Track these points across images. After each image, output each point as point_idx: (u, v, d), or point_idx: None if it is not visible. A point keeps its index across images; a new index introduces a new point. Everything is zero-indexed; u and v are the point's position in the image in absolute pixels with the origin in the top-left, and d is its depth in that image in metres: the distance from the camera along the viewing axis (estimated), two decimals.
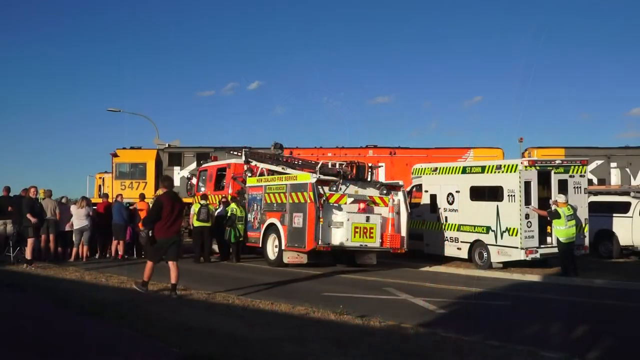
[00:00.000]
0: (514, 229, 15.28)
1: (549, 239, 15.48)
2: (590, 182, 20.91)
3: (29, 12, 72.22)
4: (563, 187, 15.63)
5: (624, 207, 18.22)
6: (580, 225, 15.48)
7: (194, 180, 22.01)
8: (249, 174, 18.74)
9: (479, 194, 16.51)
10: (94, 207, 19.19)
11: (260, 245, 17.40)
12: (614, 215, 18.12)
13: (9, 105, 77.59)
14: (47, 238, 17.17)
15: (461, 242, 16.91)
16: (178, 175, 28.46)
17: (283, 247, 16.20)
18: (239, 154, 19.68)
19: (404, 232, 16.23)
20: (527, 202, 15.13)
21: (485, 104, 74.42)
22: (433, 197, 17.97)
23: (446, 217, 17.46)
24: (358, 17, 74.68)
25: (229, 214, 17.74)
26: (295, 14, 76.43)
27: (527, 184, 15.20)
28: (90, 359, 6.39)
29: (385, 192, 16.47)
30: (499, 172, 15.92)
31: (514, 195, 15.32)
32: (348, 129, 76.07)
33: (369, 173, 17.05)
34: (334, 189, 15.92)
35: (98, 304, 9.06)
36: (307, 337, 6.89)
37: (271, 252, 16.90)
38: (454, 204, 17.21)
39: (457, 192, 17.16)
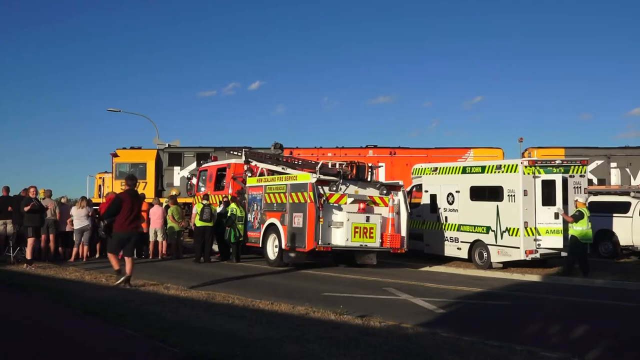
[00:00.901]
0: (514, 229, 15.29)
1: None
2: (590, 182, 20.95)
3: (29, 11, 72.25)
4: (563, 187, 15.62)
5: (624, 207, 18.22)
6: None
7: (194, 180, 22.00)
8: (249, 174, 18.73)
9: (479, 194, 16.51)
10: (96, 207, 19.19)
11: (260, 245, 17.38)
12: (614, 215, 18.12)
13: (9, 105, 77.69)
14: (47, 238, 17.18)
15: (461, 242, 16.91)
16: (178, 175, 28.48)
17: (283, 247, 16.20)
18: (239, 154, 19.66)
19: (404, 232, 16.23)
20: (551, 202, 15.19)
21: (485, 104, 74.56)
22: (433, 197, 17.97)
23: (446, 217, 17.46)
24: (358, 17, 74.76)
25: (228, 214, 17.73)
26: (296, 14, 76.47)
27: (549, 184, 15.27)
28: (90, 359, 6.39)
29: (385, 192, 16.47)
30: (499, 172, 15.93)
31: (514, 195, 15.34)
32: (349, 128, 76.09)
33: (369, 173, 17.04)
34: (334, 189, 15.92)
35: (98, 304, 9.07)
36: (307, 337, 6.89)
37: (271, 252, 16.89)
38: (454, 204, 17.21)
39: (457, 192, 17.16)
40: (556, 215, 15.15)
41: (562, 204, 15.21)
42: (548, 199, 15.31)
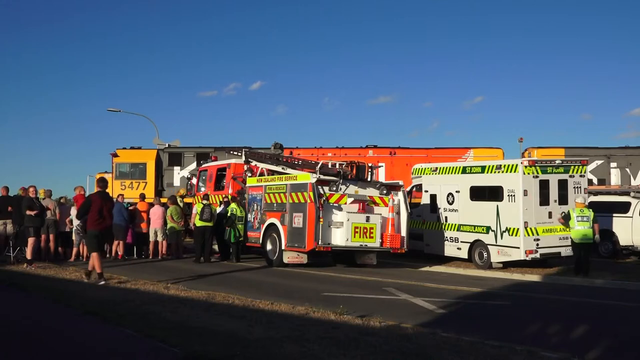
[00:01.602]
0: (514, 229, 15.29)
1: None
2: (590, 182, 20.92)
3: (29, 11, 72.26)
4: (563, 187, 15.63)
5: (624, 207, 18.21)
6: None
7: (194, 180, 21.99)
8: (249, 174, 18.72)
9: (479, 194, 16.51)
10: None
11: (260, 245, 17.38)
12: (614, 215, 18.10)
13: (9, 105, 77.72)
14: (47, 238, 17.17)
15: (461, 242, 16.90)
16: (178, 175, 28.45)
17: (283, 247, 16.19)
18: (239, 154, 19.65)
19: (404, 232, 16.23)
20: (548, 202, 15.37)
21: (485, 104, 74.61)
22: (433, 197, 17.96)
23: (446, 217, 17.45)
24: (358, 17, 74.77)
25: (229, 214, 17.72)
26: (296, 14, 76.49)
27: (546, 184, 15.35)
28: (90, 359, 6.39)
29: (385, 192, 16.47)
30: (499, 172, 15.92)
31: (514, 195, 15.33)
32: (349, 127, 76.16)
33: (369, 173, 17.04)
34: (334, 189, 15.92)
35: (98, 303, 9.07)
36: (307, 337, 6.88)
37: (271, 252, 16.89)
38: (454, 204, 17.21)
39: (457, 192, 17.15)
40: (549, 215, 15.22)
41: (556, 203, 15.28)
42: (545, 199, 15.36)
